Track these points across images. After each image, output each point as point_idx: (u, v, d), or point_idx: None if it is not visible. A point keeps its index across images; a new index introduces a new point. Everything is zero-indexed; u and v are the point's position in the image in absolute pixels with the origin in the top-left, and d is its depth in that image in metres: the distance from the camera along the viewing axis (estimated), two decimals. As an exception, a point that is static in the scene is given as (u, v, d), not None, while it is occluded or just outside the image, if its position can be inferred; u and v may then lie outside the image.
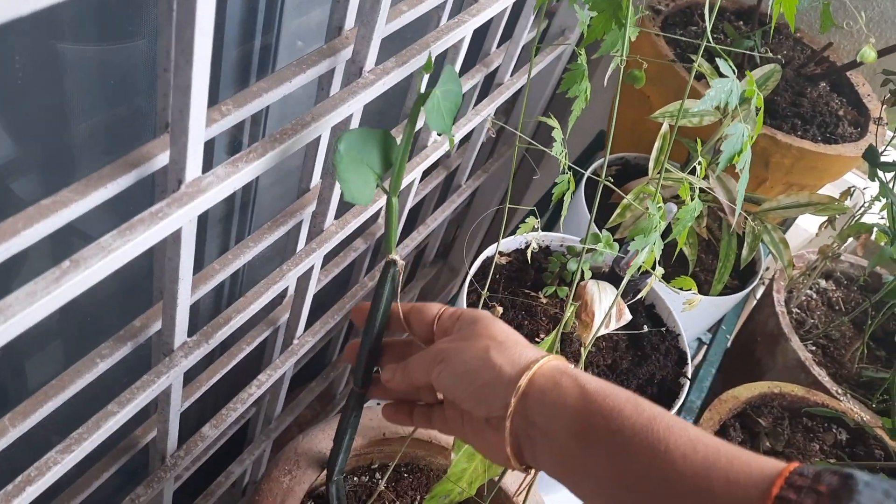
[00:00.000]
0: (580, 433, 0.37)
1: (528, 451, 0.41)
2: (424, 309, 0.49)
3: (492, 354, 0.42)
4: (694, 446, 0.34)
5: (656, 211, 0.47)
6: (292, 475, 0.57)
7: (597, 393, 0.38)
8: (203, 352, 0.56)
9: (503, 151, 1.11)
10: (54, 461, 0.47)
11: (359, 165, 0.46)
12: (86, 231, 0.56)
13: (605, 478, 0.36)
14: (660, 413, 0.37)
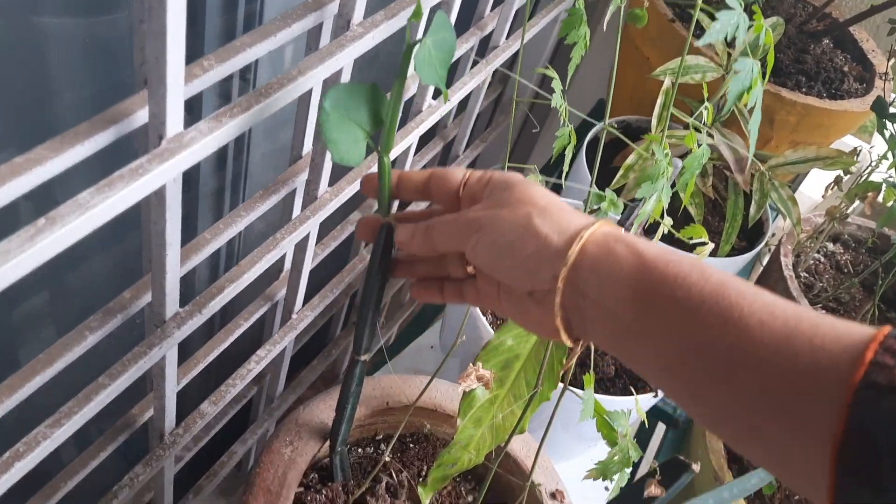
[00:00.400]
0: (639, 304, 0.34)
1: (578, 324, 0.37)
2: (447, 174, 0.44)
3: (535, 222, 0.37)
4: (771, 312, 0.31)
5: (663, 157, 0.45)
6: (294, 446, 0.55)
7: (657, 259, 0.34)
8: (196, 322, 0.55)
9: (501, 120, 1.08)
10: (43, 436, 0.46)
11: (346, 123, 0.43)
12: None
13: (667, 350, 0.33)
14: (730, 278, 0.33)
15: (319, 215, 0.64)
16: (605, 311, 0.36)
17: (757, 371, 0.30)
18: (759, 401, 0.30)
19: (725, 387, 0.31)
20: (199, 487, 0.80)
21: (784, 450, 0.30)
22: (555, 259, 0.37)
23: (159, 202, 0.44)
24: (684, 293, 0.33)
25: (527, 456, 0.64)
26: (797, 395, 0.29)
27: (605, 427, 0.48)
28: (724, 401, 0.32)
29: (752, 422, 0.31)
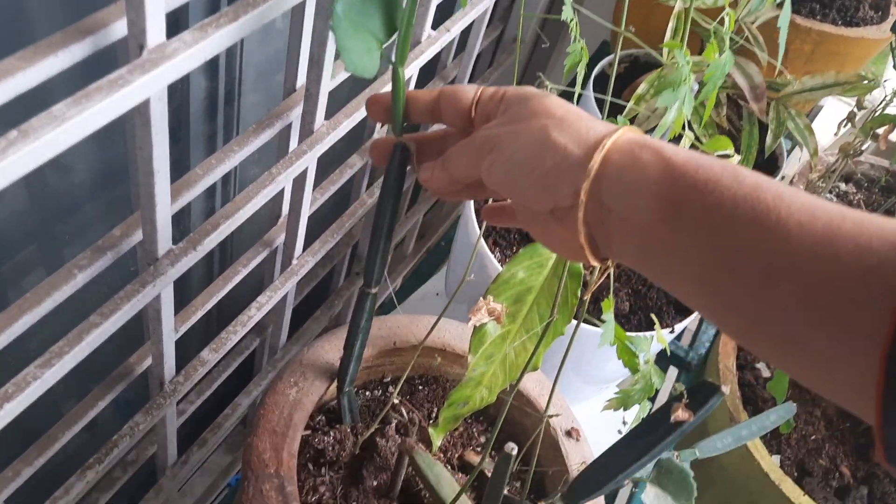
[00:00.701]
0: (668, 213, 0.31)
1: (603, 241, 0.35)
2: (458, 93, 0.41)
3: (553, 134, 0.34)
4: (812, 213, 0.28)
5: (685, 63, 0.41)
6: (299, 387, 0.53)
7: (686, 165, 0.32)
8: (191, 260, 0.52)
9: (502, 60, 1.04)
10: (33, 376, 0.43)
11: (359, 31, 0.39)
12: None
13: (699, 261, 0.31)
14: (765, 181, 0.30)
15: (317, 149, 0.61)
16: (631, 225, 0.33)
17: (797, 277, 0.28)
18: (800, 309, 0.28)
19: (763, 297, 0.29)
20: (203, 440, 0.79)
21: (827, 360, 0.28)
22: (575, 172, 0.34)
23: (144, 123, 0.41)
24: (716, 199, 0.30)
25: (540, 395, 0.62)
26: (841, 301, 0.27)
27: (625, 353, 0.46)
28: (762, 312, 0.29)
29: (793, 332, 0.29)
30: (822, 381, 0.29)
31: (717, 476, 0.92)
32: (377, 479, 0.54)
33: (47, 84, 0.36)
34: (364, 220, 0.90)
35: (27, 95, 0.35)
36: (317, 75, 0.57)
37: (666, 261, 0.32)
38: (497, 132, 0.37)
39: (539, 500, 0.55)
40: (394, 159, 0.43)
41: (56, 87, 0.38)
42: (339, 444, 0.54)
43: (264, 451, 0.49)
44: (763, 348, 0.31)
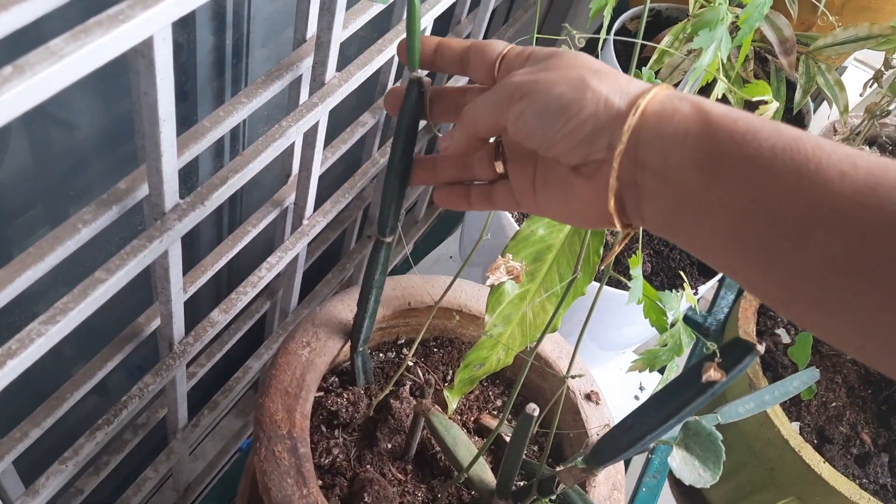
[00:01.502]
0: (705, 166, 0.30)
1: (633, 202, 0.34)
2: (487, 46, 0.40)
3: (593, 82, 0.33)
4: (853, 162, 0.27)
5: (725, 5, 0.39)
6: (311, 347, 0.51)
7: (725, 117, 0.31)
8: (199, 215, 0.50)
9: (518, 16, 1.01)
10: (37, 332, 0.41)
11: None
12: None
13: (734, 214, 0.30)
14: (805, 133, 0.29)
15: (328, 102, 0.59)
16: (666, 181, 0.32)
17: (839, 228, 0.27)
18: (842, 262, 0.27)
19: (803, 248, 0.28)
20: (214, 403, 0.78)
21: (874, 321, 0.27)
22: (615, 122, 0.33)
23: (148, 66, 0.39)
24: (755, 149, 0.29)
25: (558, 357, 0.60)
26: (888, 253, 0.26)
27: (653, 311, 0.44)
28: (802, 267, 0.28)
29: (834, 286, 0.27)
30: (865, 343, 0.28)
31: (735, 443, 0.90)
32: (391, 441, 0.53)
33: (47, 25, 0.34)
34: (376, 182, 0.87)
35: (26, 35, 0.33)
36: (328, 23, 0.55)
37: (700, 217, 0.31)
38: (530, 78, 0.35)
39: (557, 464, 0.54)
40: (409, 96, 0.41)
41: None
42: (352, 405, 0.53)
43: (276, 412, 0.47)
44: (800, 308, 0.30)
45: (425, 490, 0.52)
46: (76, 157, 0.64)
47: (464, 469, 0.48)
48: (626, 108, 0.32)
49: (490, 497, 0.48)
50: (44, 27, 0.37)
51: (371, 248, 0.46)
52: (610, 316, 0.72)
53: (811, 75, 0.73)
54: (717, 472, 0.42)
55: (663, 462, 0.83)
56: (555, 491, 0.44)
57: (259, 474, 0.45)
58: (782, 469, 0.85)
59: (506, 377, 0.63)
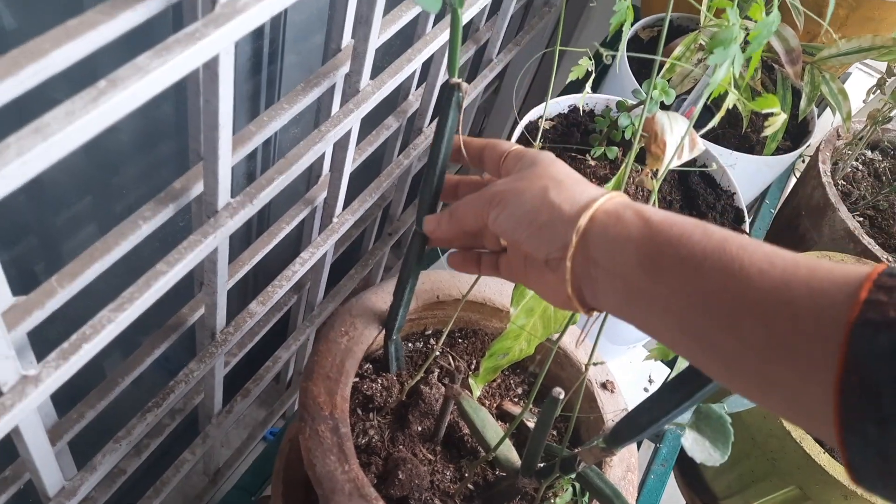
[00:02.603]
0: (647, 265, 0.36)
1: (589, 292, 0.39)
2: (499, 145, 0.48)
3: (551, 194, 0.40)
4: (770, 261, 0.32)
5: (737, 19, 0.42)
6: (350, 336, 0.55)
7: (662, 223, 0.36)
8: (248, 213, 0.54)
9: (534, 24, 1.05)
10: (108, 319, 0.46)
11: None
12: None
13: (674, 306, 0.34)
14: (731, 235, 0.34)
15: (363, 108, 0.63)
16: (615, 277, 0.37)
17: (760, 318, 0.31)
18: (765, 347, 0.31)
19: (733, 336, 0.32)
20: (246, 390, 0.82)
21: (793, 393, 0.31)
22: (567, 227, 0.39)
23: (212, 77, 0.43)
24: (688, 251, 0.34)
25: (575, 348, 0.64)
26: (799, 338, 0.30)
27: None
28: (734, 350, 0.32)
29: (761, 368, 0.32)
30: (793, 414, 0.32)
31: (739, 434, 0.94)
32: (422, 424, 0.57)
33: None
34: (396, 182, 0.91)
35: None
36: (364, 34, 0.58)
37: (647, 309, 0.36)
38: (505, 189, 0.43)
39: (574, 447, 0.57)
40: (448, 100, 0.45)
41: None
42: (386, 390, 0.57)
43: (319, 394, 0.51)
44: (740, 387, 0.34)
45: (453, 469, 0.56)
46: (118, 155, 0.68)
47: (491, 449, 0.52)
48: (576, 215, 0.39)
49: (515, 475, 0.52)
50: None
51: (410, 238, 0.50)
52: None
53: (816, 84, 0.76)
54: (725, 452, 0.46)
55: (671, 451, 0.87)
56: (576, 469, 0.48)
57: (304, 451, 0.49)
58: (784, 459, 0.88)
59: (526, 367, 0.66)
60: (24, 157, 0.31)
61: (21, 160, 0.31)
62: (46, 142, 0.31)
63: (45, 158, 0.32)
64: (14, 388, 0.42)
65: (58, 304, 0.44)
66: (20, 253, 0.66)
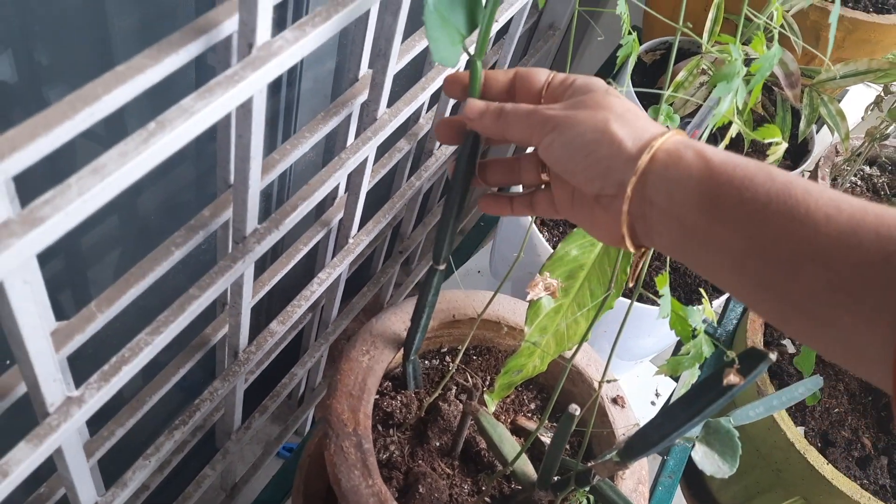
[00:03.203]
0: (706, 207, 0.35)
1: (643, 231, 0.38)
2: (532, 74, 0.44)
3: (613, 126, 0.38)
4: (837, 206, 0.32)
5: (740, 55, 0.45)
6: (371, 355, 0.57)
7: (724, 164, 0.35)
8: (273, 239, 0.56)
9: (539, 47, 1.08)
10: (145, 342, 0.48)
11: (446, 24, 0.43)
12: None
13: (734, 249, 0.34)
14: (796, 178, 0.33)
15: (380, 136, 0.65)
16: (671, 218, 0.36)
17: (825, 264, 0.31)
18: (828, 293, 0.31)
19: (793, 281, 0.32)
20: (264, 407, 0.84)
21: (852, 336, 0.31)
22: (626, 165, 0.37)
23: (245, 114, 0.45)
24: (751, 193, 0.34)
25: (587, 365, 0.66)
26: (865, 284, 0.30)
27: (679, 323, 0.50)
28: (793, 295, 0.32)
29: (821, 313, 0.32)
30: (847, 356, 0.32)
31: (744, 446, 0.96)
32: (440, 439, 0.59)
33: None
34: (408, 203, 0.94)
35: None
36: (383, 66, 0.61)
37: (703, 250, 0.36)
38: (562, 114, 0.40)
39: (587, 461, 0.60)
40: (467, 144, 0.47)
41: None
42: (405, 407, 0.59)
43: (342, 412, 0.54)
44: (794, 328, 0.34)
45: (471, 483, 0.58)
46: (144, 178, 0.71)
47: (509, 463, 0.54)
48: (637, 152, 0.37)
49: (532, 488, 0.54)
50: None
51: (426, 273, 0.52)
52: (630, 328, 0.78)
53: (815, 106, 0.79)
54: (734, 465, 0.48)
55: (678, 463, 0.89)
56: (591, 482, 0.50)
57: (329, 466, 0.51)
58: (788, 470, 0.90)
59: (538, 383, 0.69)
60: (84, 196, 0.33)
61: (82, 199, 0.33)
62: (104, 181, 0.34)
63: (102, 196, 0.34)
64: (60, 409, 0.44)
65: (96, 329, 0.47)
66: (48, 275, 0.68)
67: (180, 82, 0.64)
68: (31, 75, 0.54)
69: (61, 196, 0.33)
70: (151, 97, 0.40)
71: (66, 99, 0.35)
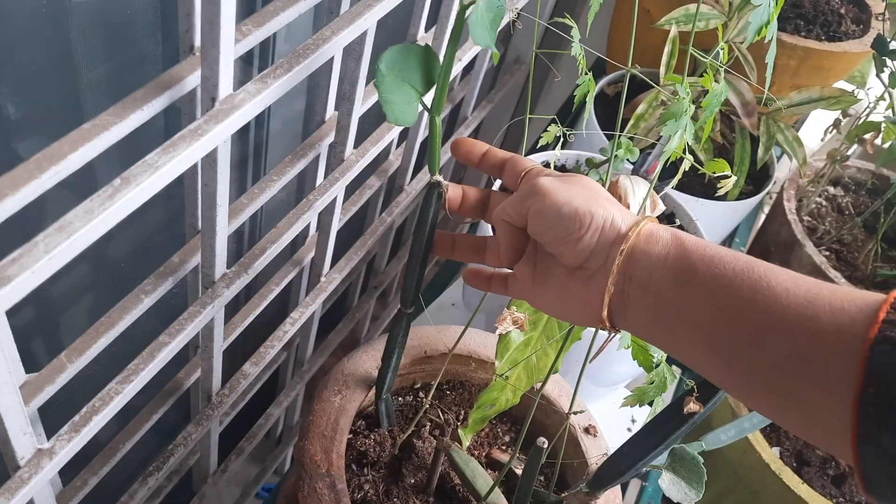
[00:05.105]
0: (680, 281, 0.38)
1: (618, 308, 0.40)
2: (521, 161, 0.47)
3: (605, 203, 0.41)
4: (795, 282, 0.35)
5: (686, 94, 0.47)
6: (343, 395, 0.58)
7: (696, 244, 0.38)
8: (242, 282, 0.57)
9: (506, 80, 1.10)
10: (115, 391, 0.48)
11: (401, 85, 0.43)
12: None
13: (704, 321, 0.36)
14: (757, 259, 0.37)
15: (347, 176, 0.66)
16: (648, 292, 0.39)
17: (785, 332, 0.34)
18: (788, 361, 0.33)
19: (758, 351, 0.35)
20: (240, 449, 0.84)
21: (811, 408, 0.33)
22: (615, 241, 0.40)
23: (211, 164, 0.46)
24: (720, 270, 0.37)
25: (559, 395, 0.67)
26: (821, 353, 0.33)
27: (640, 354, 0.51)
28: (758, 365, 0.35)
29: (783, 382, 0.34)
30: (811, 430, 0.34)
31: (720, 468, 0.97)
32: (415, 476, 0.59)
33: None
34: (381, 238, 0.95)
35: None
36: (348, 109, 0.63)
37: (676, 324, 0.38)
38: (551, 182, 0.42)
39: (561, 491, 0.60)
40: (430, 196, 0.48)
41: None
42: (379, 445, 0.60)
43: (315, 453, 0.54)
44: (760, 402, 0.36)
45: (447, 519, 0.58)
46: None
47: (483, 497, 0.55)
48: (626, 230, 0.40)
49: (506, 522, 0.55)
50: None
51: (394, 316, 0.53)
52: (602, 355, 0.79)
53: (771, 134, 0.82)
54: (700, 491, 0.49)
55: (656, 490, 0.90)
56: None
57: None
58: (765, 491, 0.91)
59: (512, 415, 0.69)
60: (50, 253, 0.34)
61: (48, 256, 0.34)
62: (70, 238, 0.35)
63: (69, 253, 0.35)
64: (30, 462, 0.44)
65: (66, 379, 0.47)
66: (16, 324, 0.68)
67: (149, 126, 0.65)
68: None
69: (28, 255, 0.34)
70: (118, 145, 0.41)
71: (33, 158, 0.36)
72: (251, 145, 0.81)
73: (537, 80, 1.24)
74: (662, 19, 0.81)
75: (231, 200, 0.59)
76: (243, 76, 0.72)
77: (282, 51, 0.73)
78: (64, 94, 0.58)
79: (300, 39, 0.67)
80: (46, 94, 0.57)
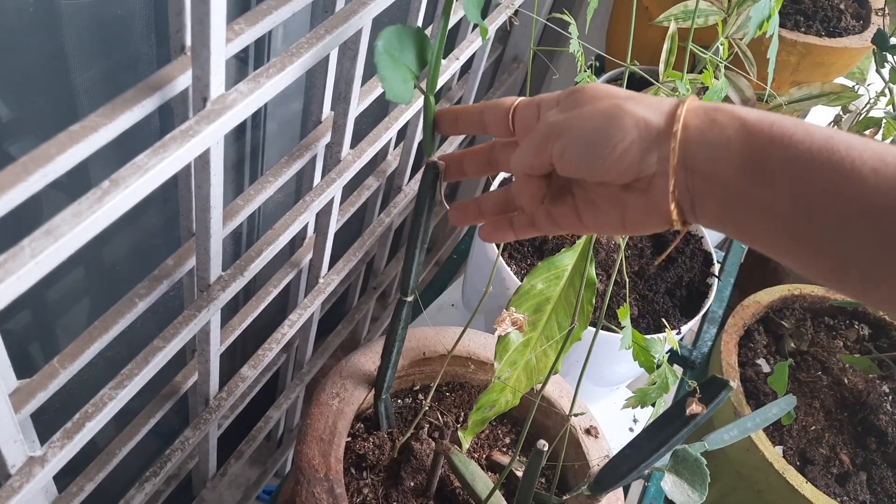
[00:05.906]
0: (750, 168, 0.33)
1: (688, 205, 0.36)
2: (498, 104, 0.43)
3: (628, 107, 0.36)
4: (882, 158, 0.30)
5: (686, 90, 0.46)
6: (341, 398, 0.57)
7: (760, 122, 0.33)
8: (238, 285, 0.56)
9: (504, 79, 1.09)
10: (109, 397, 0.47)
11: (397, 64, 0.44)
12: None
13: (782, 211, 0.32)
14: (835, 132, 0.32)
15: (344, 177, 0.66)
16: (716, 184, 0.35)
17: (875, 220, 0.30)
18: (877, 249, 0.30)
19: (845, 240, 0.31)
20: (239, 452, 0.83)
21: None
22: (660, 139, 0.35)
23: (203, 166, 0.46)
24: (794, 152, 0.32)
25: (559, 396, 0.66)
26: None
27: (642, 355, 0.50)
28: (845, 254, 0.31)
29: (873, 276, 0.31)
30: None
31: (724, 468, 0.96)
32: (414, 479, 0.59)
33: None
34: (380, 238, 0.94)
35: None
36: (344, 109, 0.62)
37: (749, 215, 0.34)
38: (562, 118, 0.38)
39: (562, 494, 0.60)
40: (426, 177, 0.47)
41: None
42: (378, 448, 0.59)
43: (313, 457, 0.53)
44: (848, 287, 0.33)
45: (447, 523, 0.58)
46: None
47: (483, 501, 0.54)
48: (666, 125, 0.35)
49: (506, 526, 0.54)
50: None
51: (394, 306, 0.52)
52: (602, 356, 0.78)
53: (771, 131, 0.81)
54: (703, 493, 0.48)
55: (659, 490, 0.89)
56: (564, 517, 0.50)
57: (302, 514, 0.51)
58: (769, 491, 0.91)
59: (512, 417, 0.69)
60: (37, 258, 0.33)
61: (35, 261, 0.33)
62: (57, 242, 0.34)
63: (56, 258, 0.34)
64: (21, 470, 0.43)
65: (59, 385, 0.46)
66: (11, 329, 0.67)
67: (146, 127, 0.64)
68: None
69: (14, 259, 0.33)
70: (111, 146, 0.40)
71: (20, 160, 0.36)
72: (248, 146, 0.80)
73: (536, 78, 1.23)
74: (661, 16, 0.80)
75: (227, 202, 0.59)
76: (239, 76, 0.72)
77: (279, 50, 0.72)
78: (57, 96, 0.57)
79: (298, 38, 0.66)
80: (40, 96, 0.57)
